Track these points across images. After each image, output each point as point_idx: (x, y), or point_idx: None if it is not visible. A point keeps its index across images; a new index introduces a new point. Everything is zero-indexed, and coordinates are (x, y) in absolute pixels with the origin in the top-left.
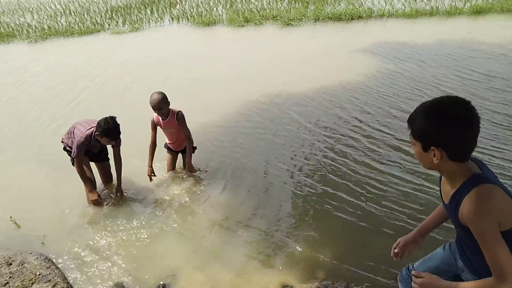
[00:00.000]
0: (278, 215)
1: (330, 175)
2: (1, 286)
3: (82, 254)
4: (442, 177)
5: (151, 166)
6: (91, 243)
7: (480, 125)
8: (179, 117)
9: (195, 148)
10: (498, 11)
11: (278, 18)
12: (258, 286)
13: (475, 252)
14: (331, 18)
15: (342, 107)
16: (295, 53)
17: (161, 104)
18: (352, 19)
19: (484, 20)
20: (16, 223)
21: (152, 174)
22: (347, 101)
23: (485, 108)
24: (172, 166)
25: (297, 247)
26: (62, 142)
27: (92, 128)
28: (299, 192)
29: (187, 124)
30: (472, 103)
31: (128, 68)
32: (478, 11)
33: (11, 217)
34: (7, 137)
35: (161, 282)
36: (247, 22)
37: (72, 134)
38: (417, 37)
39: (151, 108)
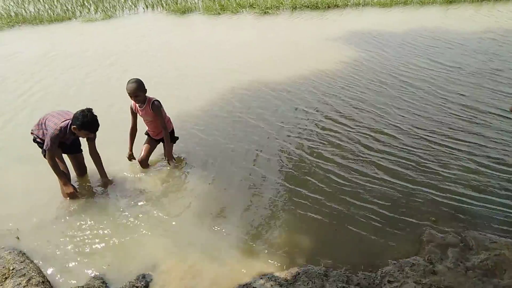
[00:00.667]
0: (255, 206)
1: (296, 168)
2: None
3: (59, 247)
4: None
5: (131, 150)
6: (67, 236)
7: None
8: (154, 106)
9: (177, 138)
10: (469, 1)
11: (255, 6)
12: (240, 275)
13: None
14: (308, 7)
15: (303, 98)
16: (270, 41)
17: (137, 91)
18: (328, 7)
19: (454, 10)
20: None
21: (132, 159)
22: (309, 91)
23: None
24: (146, 153)
25: (276, 236)
26: (31, 133)
27: (67, 121)
28: (275, 184)
29: (165, 113)
30: None
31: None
32: (450, 1)
33: None
34: None
35: (141, 273)
36: (223, 10)
37: (43, 125)
38: (388, 26)
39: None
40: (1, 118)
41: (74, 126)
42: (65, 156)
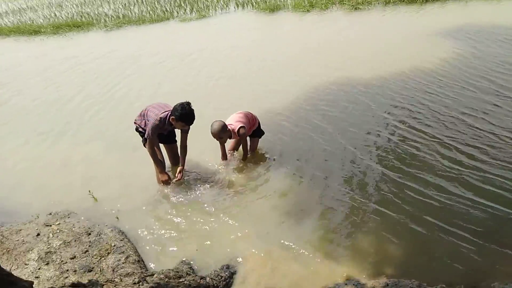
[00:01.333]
0: (343, 207)
1: (399, 166)
2: (82, 253)
3: (152, 229)
4: None
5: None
6: (160, 220)
7: None
8: (240, 134)
9: (263, 133)
10: None
11: (345, 1)
12: (322, 277)
13: None
14: (403, 1)
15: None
16: (363, 38)
17: (220, 133)
18: (426, 1)
19: None
20: (93, 197)
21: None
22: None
23: None
24: (234, 144)
25: (363, 240)
26: (134, 123)
27: (167, 112)
28: (366, 183)
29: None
30: None
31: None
32: None
33: (89, 191)
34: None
35: (226, 263)
36: (312, 7)
37: (145, 116)
38: (501, 19)
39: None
40: (94, 107)
41: (173, 117)
42: (161, 146)
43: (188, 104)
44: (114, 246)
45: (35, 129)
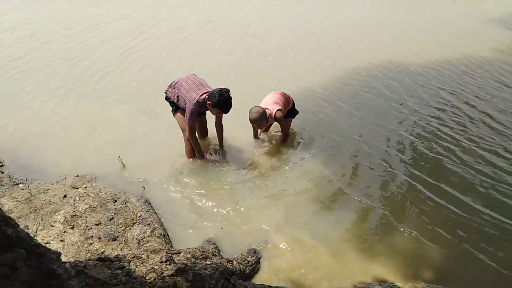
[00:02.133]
0: (381, 201)
1: (438, 163)
2: (107, 220)
3: (178, 203)
4: None
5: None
6: (186, 194)
7: None
8: (277, 119)
9: (297, 112)
10: None
11: None
12: (354, 274)
13: None
14: None
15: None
16: (410, 18)
17: (259, 121)
18: None
19: None
20: (122, 163)
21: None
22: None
23: None
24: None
25: (400, 239)
26: (165, 93)
27: (204, 95)
28: (405, 176)
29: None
30: None
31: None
32: None
33: (119, 157)
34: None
35: (253, 247)
36: None
37: (177, 90)
38: None
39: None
40: (118, 70)
41: (209, 103)
42: None
43: (227, 91)
44: (139, 216)
45: (60, 85)
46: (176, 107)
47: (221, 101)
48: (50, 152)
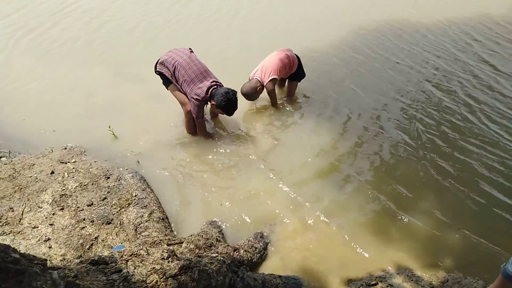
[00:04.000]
0: (397, 176)
1: (460, 145)
2: (100, 200)
3: (177, 180)
4: None
5: None
6: (187, 170)
7: None
8: (268, 90)
9: (304, 76)
10: None
11: None
12: (369, 261)
13: None
14: None
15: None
16: None
17: (251, 97)
18: None
19: None
20: (114, 134)
21: None
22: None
23: None
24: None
25: (418, 223)
26: (158, 69)
27: (208, 91)
28: (423, 153)
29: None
30: None
31: None
32: None
33: (109, 127)
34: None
35: (260, 231)
36: None
37: (177, 77)
38: None
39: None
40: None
41: (214, 103)
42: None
43: (234, 93)
44: (135, 196)
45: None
46: (169, 81)
47: (227, 104)
48: (36, 119)
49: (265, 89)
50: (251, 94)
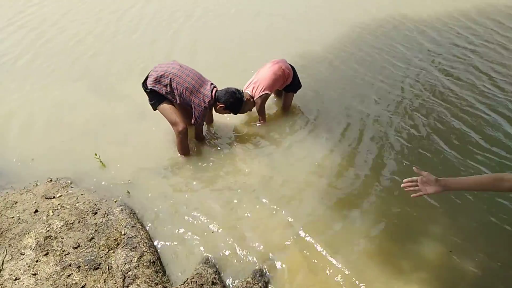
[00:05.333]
0: (401, 197)
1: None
2: (87, 240)
3: (170, 211)
4: None
5: None
6: (178, 200)
7: None
8: (256, 105)
9: (300, 87)
10: None
11: None
12: None
13: None
14: None
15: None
16: None
17: (242, 110)
18: None
19: None
20: (101, 162)
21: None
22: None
23: None
24: None
25: (431, 250)
26: (148, 86)
27: (210, 93)
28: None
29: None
30: None
31: None
32: None
33: (95, 154)
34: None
35: (258, 268)
36: None
37: (176, 90)
38: None
39: None
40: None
41: (222, 105)
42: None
43: (240, 92)
44: (124, 235)
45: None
46: (160, 100)
47: (234, 104)
48: (10, 146)
49: None
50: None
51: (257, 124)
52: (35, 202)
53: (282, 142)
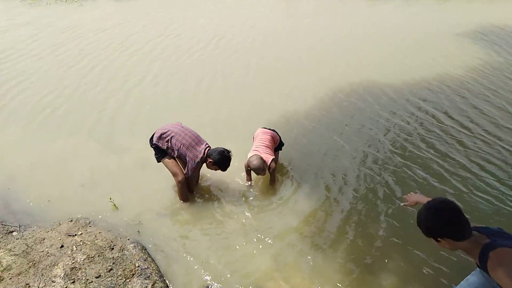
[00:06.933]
0: (368, 232)
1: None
2: (107, 271)
3: (175, 250)
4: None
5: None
6: (182, 240)
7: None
8: (271, 168)
9: (283, 144)
10: None
11: None
12: None
13: None
14: None
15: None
16: (382, 33)
17: (262, 171)
18: None
19: None
20: (114, 205)
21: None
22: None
23: None
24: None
25: (387, 280)
26: (154, 142)
27: (203, 150)
28: (391, 207)
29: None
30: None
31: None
32: None
33: (110, 198)
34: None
35: None
36: None
37: (174, 145)
38: None
39: None
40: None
41: (211, 160)
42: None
43: (228, 151)
44: (138, 267)
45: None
46: (163, 154)
47: (223, 161)
48: (32, 191)
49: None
50: (263, 168)
51: (270, 185)
52: (60, 239)
53: (271, 195)
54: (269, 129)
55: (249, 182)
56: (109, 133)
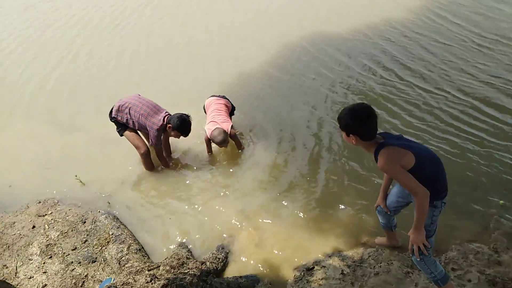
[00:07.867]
0: (321, 181)
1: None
2: (82, 243)
3: (144, 212)
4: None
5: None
6: (151, 203)
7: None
8: (232, 135)
9: (234, 108)
10: None
11: None
12: (310, 251)
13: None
14: None
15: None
16: None
17: (225, 143)
18: None
19: None
20: (81, 181)
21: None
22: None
23: None
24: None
25: (345, 213)
26: (112, 116)
27: (162, 118)
28: (341, 154)
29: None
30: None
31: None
32: None
33: (76, 176)
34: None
35: (220, 244)
36: None
37: (132, 116)
38: None
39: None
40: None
41: (170, 125)
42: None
43: (188, 116)
44: (112, 234)
45: None
46: (124, 127)
47: (183, 125)
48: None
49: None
50: (227, 141)
51: (239, 151)
52: (30, 220)
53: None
54: (220, 96)
55: (210, 153)
56: (62, 113)
